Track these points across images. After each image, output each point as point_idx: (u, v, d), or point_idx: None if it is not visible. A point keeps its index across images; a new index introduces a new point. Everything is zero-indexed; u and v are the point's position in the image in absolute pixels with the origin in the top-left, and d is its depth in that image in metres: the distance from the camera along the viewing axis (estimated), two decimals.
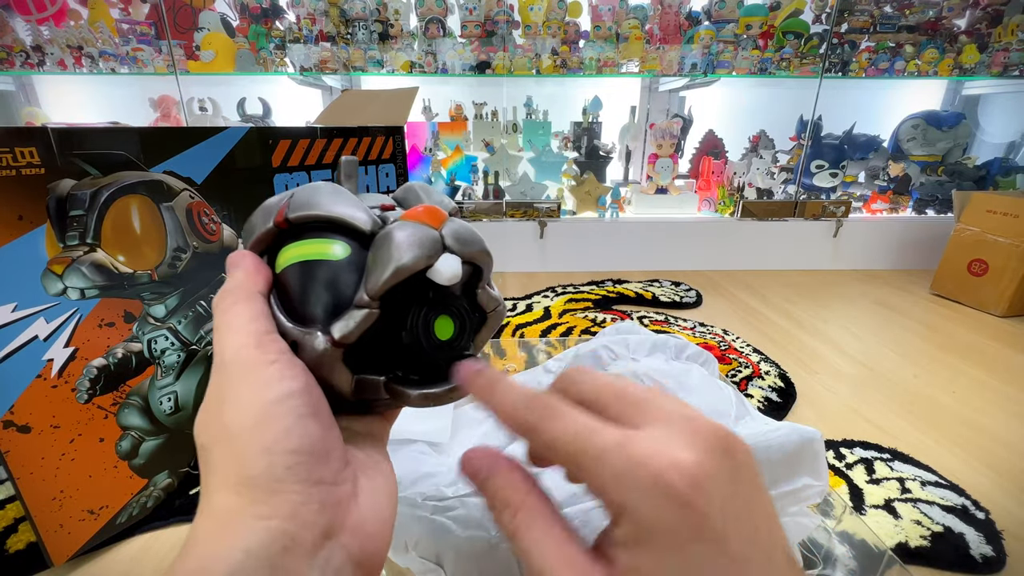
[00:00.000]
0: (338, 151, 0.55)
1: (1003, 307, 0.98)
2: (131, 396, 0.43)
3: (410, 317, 0.19)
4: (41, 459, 0.38)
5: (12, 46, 1.30)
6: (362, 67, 1.31)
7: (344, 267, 0.19)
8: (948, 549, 0.43)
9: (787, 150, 1.39)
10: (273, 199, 0.21)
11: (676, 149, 1.37)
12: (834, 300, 1.10)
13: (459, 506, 0.35)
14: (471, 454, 0.19)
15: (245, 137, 0.47)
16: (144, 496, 0.45)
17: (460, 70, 1.31)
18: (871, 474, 0.52)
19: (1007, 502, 0.49)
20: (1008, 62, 1.27)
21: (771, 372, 0.72)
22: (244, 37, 1.33)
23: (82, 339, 0.39)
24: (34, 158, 0.35)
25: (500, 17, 1.32)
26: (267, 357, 0.17)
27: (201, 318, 0.47)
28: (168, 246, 0.43)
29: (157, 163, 0.42)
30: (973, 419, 0.63)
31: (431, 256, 0.18)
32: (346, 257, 0.19)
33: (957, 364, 0.79)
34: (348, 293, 0.18)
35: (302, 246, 0.19)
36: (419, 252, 0.17)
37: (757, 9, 1.32)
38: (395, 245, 0.17)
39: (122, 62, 1.31)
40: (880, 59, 1.29)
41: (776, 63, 1.30)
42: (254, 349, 0.17)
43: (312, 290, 0.19)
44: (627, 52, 1.32)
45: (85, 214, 0.38)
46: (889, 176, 1.41)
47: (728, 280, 1.23)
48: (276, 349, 0.18)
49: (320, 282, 0.19)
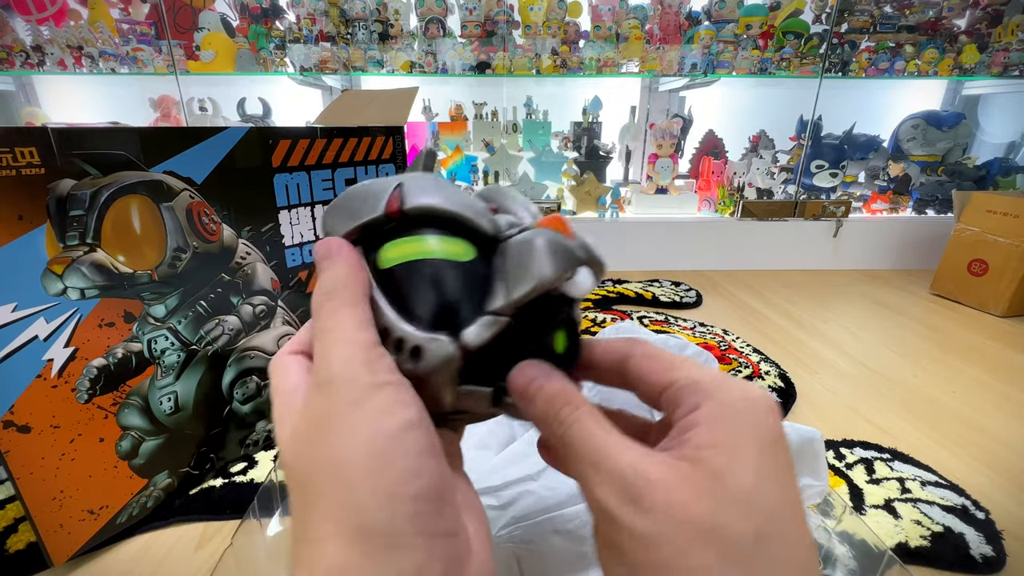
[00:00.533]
0: (338, 151, 0.55)
1: (1003, 307, 0.98)
2: (131, 396, 0.43)
3: (537, 327, 0.18)
4: (41, 459, 0.38)
5: (12, 46, 1.30)
6: (362, 67, 1.31)
7: (471, 270, 0.18)
8: (948, 549, 0.42)
9: (787, 150, 1.39)
10: (370, 185, 0.19)
11: (676, 149, 1.37)
12: (834, 300, 1.10)
13: None
14: (519, 369, 0.17)
15: (245, 137, 0.47)
16: (144, 496, 0.45)
17: (460, 70, 1.31)
18: (871, 474, 0.52)
19: (1007, 502, 0.49)
20: (1008, 62, 1.27)
21: (771, 372, 0.72)
22: (244, 37, 1.33)
23: (82, 339, 0.39)
24: (34, 158, 0.35)
25: (500, 17, 1.32)
26: (378, 377, 0.15)
27: (201, 318, 0.47)
28: (168, 246, 0.43)
29: (157, 163, 0.42)
30: (973, 419, 0.63)
31: (571, 269, 0.17)
32: (472, 259, 0.18)
33: (957, 364, 0.79)
34: (474, 298, 0.17)
35: (424, 242, 0.18)
36: (563, 264, 0.17)
37: (757, 9, 1.32)
38: (538, 255, 0.16)
39: (122, 62, 1.31)
40: (880, 59, 1.29)
41: (776, 63, 1.30)
42: (362, 366, 0.15)
43: (438, 292, 0.17)
44: (627, 52, 1.32)
45: (85, 214, 0.38)
46: (889, 176, 1.41)
47: (728, 280, 1.23)
48: (386, 367, 0.16)
49: (447, 284, 0.17)
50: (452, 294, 0.17)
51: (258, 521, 0.38)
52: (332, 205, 0.19)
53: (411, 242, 0.18)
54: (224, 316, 0.49)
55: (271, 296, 0.52)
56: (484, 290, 0.17)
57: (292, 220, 0.53)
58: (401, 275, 0.18)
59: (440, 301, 0.17)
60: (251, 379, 0.52)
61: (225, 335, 0.49)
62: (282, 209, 0.52)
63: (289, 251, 0.53)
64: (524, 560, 0.33)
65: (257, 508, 0.37)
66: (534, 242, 0.17)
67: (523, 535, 0.34)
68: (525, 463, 0.38)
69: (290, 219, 0.52)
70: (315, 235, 0.55)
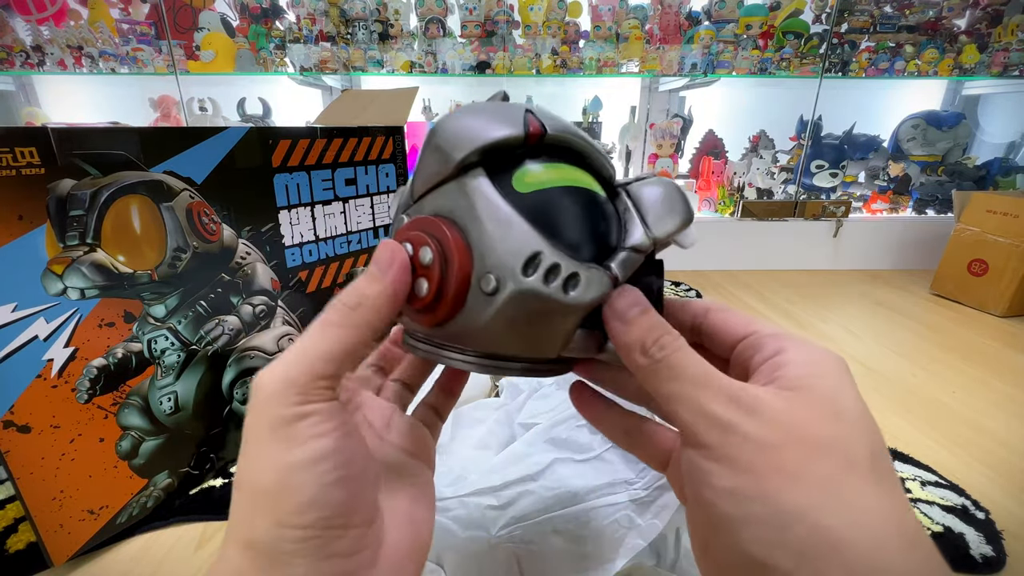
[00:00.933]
0: (338, 151, 0.55)
1: (1003, 307, 0.98)
2: (131, 396, 0.43)
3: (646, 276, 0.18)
4: (41, 459, 0.38)
5: (12, 46, 1.30)
6: (362, 67, 1.31)
7: (608, 206, 0.18)
8: (948, 549, 0.42)
9: (787, 150, 1.39)
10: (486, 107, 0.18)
11: (676, 149, 1.37)
12: (834, 300, 1.10)
13: (459, 506, 0.35)
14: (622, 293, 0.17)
15: (245, 137, 0.47)
16: (144, 496, 0.45)
17: (460, 70, 1.31)
18: None
19: (1007, 502, 0.49)
20: (1008, 62, 1.27)
21: None
22: (244, 37, 1.33)
23: (82, 339, 0.39)
24: (34, 158, 0.35)
25: (500, 17, 1.32)
26: (305, 407, 0.15)
27: (201, 318, 0.47)
28: (168, 246, 0.43)
29: (157, 163, 0.42)
30: (973, 419, 0.63)
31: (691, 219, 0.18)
32: (606, 197, 0.18)
33: (957, 364, 0.79)
34: (614, 234, 0.18)
35: (574, 171, 0.18)
36: (691, 212, 0.18)
37: (757, 9, 1.32)
38: (680, 198, 0.18)
39: (122, 62, 1.31)
40: (880, 59, 1.29)
41: (776, 63, 1.30)
42: (296, 393, 0.15)
43: (591, 222, 0.17)
44: (627, 52, 1.32)
45: (85, 214, 0.38)
46: (889, 176, 1.41)
47: (728, 280, 1.23)
48: (324, 395, 0.16)
49: (597, 216, 0.17)
50: (602, 227, 0.17)
51: None
52: (442, 127, 0.18)
53: (560, 169, 0.17)
54: (224, 316, 0.49)
55: (271, 296, 0.52)
56: (618, 228, 0.18)
57: (292, 220, 0.53)
58: (550, 200, 0.17)
59: (592, 231, 0.17)
60: (251, 379, 0.51)
61: (225, 335, 0.49)
62: (282, 209, 0.52)
63: (289, 251, 0.53)
64: (524, 560, 0.33)
65: None
66: (673, 187, 0.18)
67: (523, 535, 0.34)
68: (525, 463, 0.38)
69: (290, 219, 0.52)
70: (315, 235, 0.55)
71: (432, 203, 0.18)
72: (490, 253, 0.16)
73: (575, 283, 0.16)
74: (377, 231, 0.62)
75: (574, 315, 0.17)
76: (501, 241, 0.16)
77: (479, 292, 0.16)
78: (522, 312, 0.16)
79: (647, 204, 0.18)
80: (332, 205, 0.56)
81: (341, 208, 0.57)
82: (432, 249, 0.17)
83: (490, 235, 0.16)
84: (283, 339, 0.54)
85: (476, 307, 0.17)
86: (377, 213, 0.62)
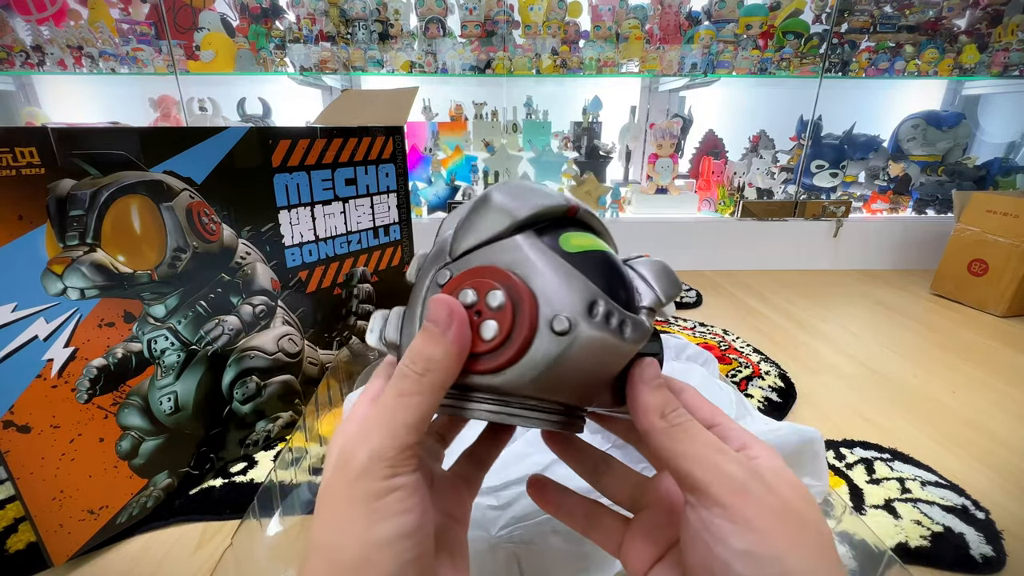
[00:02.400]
0: (338, 151, 0.55)
1: (1003, 307, 0.98)
2: (131, 396, 0.43)
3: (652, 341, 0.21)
4: (41, 459, 0.38)
5: (12, 46, 1.30)
6: (362, 67, 1.31)
7: (627, 271, 0.22)
8: (948, 549, 0.42)
9: (787, 150, 1.39)
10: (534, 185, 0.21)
11: (676, 149, 1.37)
12: (834, 300, 1.10)
13: None
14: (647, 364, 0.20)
15: (245, 137, 0.47)
16: (144, 496, 0.45)
17: (460, 70, 1.31)
18: (871, 474, 0.52)
19: (1007, 502, 0.49)
20: (1008, 62, 1.27)
21: (771, 372, 0.72)
22: (244, 37, 1.33)
23: (82, 339, 0.39)
24: (34, 158, 0.35)
25: (500, 17, 1.32)
26: (394, 480, 0.16)
27: (201, 318, 0.47)
28: (168, 246, 0.43)
29: (157, 163, 0.42)
30: (973, 419, 0.63)
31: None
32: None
33: (957, 364, 0.79)
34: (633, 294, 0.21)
35: (603, 240, 0.22)
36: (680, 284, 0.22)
37: (757, 9, 1.32)
38: (673, 273, 0.21)
39: (122, 62, 1.31)
40: (880, 59, 1.29)
41: (776, 63, 1.30)
42: (387, 467, 0.16)
43: (623, 281, 0.20)
44: (627, 52, 1.32)
45: (85, 214, 0.38)
46: (889, 176, 1.41)
47: (728, 280, 1.23)
48: (411, 465, 0.17)
49: (623, 276, 0.21)
50: (629, 286, 0.21)
51: (258, 521, 0.38)
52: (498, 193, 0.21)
53: (591, 238, 0.21)
54: (224, 316, 0.49)
55: (271, 296, 0.52)
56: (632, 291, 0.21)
57: (292, 220, 0.53)
58: (594, 260, 0.20)
59: (624, 289, 0.20)
60: (251, 379, 0.52)
61: (225, 335, 0.49)
62: (282, 209, 0.52)
63: (289, 251, 0.53)
64: (524, 560, 0.33)
65: (257, 508, 0.37)
66: (666, 263, 0.22)
67: (523, 535, 0.34)
68: (525, 463, 0.38)
69: (290, 219, 0.52)
70: (314, 235, 0.55)
71: (484, 257, 0.20)
72: (556, 299, 0.18)
73: (627, 327, 0.18)
74: (377, 231, 0.62)
75: (626, 356, 0.19)
76: (565, 289, 0.18)
77: (549, 332, 0.18)
78: (588, 350, 0.18)
79: (652, 274, 0.21)
80: (332, 205, 0.56)
81: (341, 208, 0.57)
82: (502, 293, 0.18)
83: (554, 284, 0.18)
84: (283, 339, 0.54)
85: (543, 348, 0.18)
86: (377, 213, 0.62)
